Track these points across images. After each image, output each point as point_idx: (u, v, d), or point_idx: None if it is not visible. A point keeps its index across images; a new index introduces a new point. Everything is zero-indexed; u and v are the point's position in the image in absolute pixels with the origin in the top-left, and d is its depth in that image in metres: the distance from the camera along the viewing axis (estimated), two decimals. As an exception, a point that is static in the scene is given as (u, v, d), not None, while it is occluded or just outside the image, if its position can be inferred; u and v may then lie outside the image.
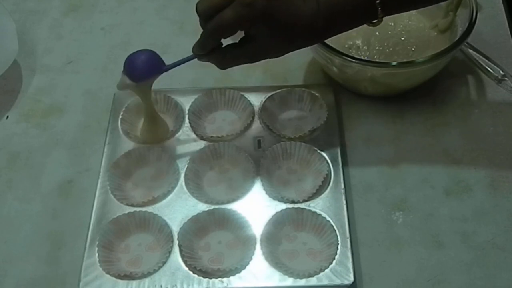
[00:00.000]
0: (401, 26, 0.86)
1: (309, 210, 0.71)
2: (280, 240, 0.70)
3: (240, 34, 0.66)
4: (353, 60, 0.76)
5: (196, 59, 0.68)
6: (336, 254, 0.67)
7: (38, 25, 0.98)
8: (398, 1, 0.66)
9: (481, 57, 0.84)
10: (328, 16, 0.64)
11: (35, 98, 0.88)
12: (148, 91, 0.75)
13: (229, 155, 0.77)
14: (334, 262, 0.67)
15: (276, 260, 0.67)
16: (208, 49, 0.65)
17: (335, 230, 0.69)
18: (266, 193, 0.73)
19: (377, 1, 0.64)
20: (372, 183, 0.76)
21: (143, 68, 0.71)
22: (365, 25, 0.68)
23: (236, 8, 0.60)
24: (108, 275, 0.67)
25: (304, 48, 0.70)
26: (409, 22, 0.87)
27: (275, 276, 0.66)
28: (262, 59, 0.69)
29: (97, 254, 0.68)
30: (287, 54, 0.68)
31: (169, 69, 0.71)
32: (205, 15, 0.63)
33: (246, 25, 0.63)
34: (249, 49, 0.65)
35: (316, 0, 0.63)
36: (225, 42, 0.67)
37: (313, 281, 0.66)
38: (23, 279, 0.70)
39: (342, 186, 0.73)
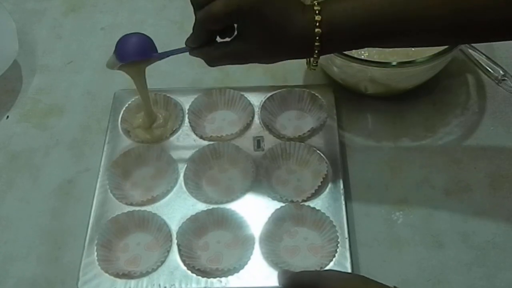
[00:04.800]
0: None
1: (308, 206, 0.71)
2: (281, 237, 0.70)
3: None
4: (353, 60, 0.76)
5: (188, 53, 0.67)
6: (336, 250, 0.67)
7: (38, 25, 0.98)
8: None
9: (481, 57, 0.84)
10: (328, 31, 0.61)
11: (35, 98, 0.88)
12: (137, 76, 0.74)
13: (228, 155, 0.77)
14: (332, 262, 0.66)
15: (277, 259, 0.67)
16: (200, 43, 0.65)
17: (335, 226, 0.69)
18: (265, 193, 0.73)
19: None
20: (372, 183, 0.76)
21: (130, 49, 0.71)
22: None
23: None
24: (107, 274, 0.67)
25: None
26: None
27: (273, 276, 0.66)
28: (250, 62, 0.68)
29: (95, 253, 0.68)
30: None
31: (160, 57, 0.71)
32: (197, 5, 0.63)
33: (233, 18, 0.62)
34: (237, 48, 0.64)
35: (318, 11, 0.61)
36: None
37: (312, 280, 0.65)
38: (23, 278, 0.71)
39: (341, 186, 0.73)
